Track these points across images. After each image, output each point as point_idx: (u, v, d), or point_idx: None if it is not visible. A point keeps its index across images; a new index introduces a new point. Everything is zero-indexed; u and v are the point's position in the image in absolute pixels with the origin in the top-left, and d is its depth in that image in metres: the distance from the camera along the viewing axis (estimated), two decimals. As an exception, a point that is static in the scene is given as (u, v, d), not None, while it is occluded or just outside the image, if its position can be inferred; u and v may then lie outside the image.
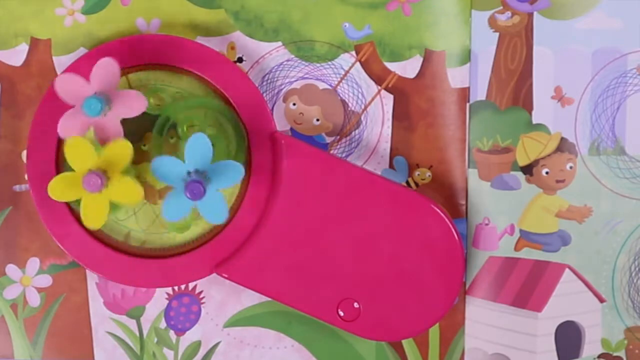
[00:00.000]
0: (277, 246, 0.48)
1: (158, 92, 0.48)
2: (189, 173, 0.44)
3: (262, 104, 0.48)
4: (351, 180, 0.48)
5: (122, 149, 0.44)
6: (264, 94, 0.50)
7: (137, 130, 0.48)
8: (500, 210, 0.50)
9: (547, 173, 0.50)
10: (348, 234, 0.48)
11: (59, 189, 0.44)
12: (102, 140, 0.45)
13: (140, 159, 0.49)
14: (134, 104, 0.45)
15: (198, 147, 0.44)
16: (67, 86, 0.44)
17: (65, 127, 0.45)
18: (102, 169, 0.44)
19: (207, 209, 0.45)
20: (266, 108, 0.48)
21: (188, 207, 0.44)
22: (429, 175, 0.50)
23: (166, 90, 0.49)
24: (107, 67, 0.44)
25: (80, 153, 0.44)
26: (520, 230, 0.50)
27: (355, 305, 0.48)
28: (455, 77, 0.50)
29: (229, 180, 0.45)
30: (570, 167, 0.50)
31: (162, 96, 0.48)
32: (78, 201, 0.45)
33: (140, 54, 0.48)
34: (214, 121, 0.48)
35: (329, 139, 0.50)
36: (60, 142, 0.47)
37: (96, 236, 0.48)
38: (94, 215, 0.44)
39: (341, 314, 0.48)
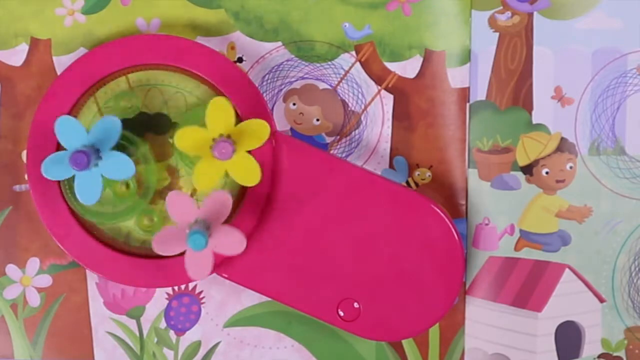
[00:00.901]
0: (277, 246, 0.48)
1: (158, 90, 0.49)
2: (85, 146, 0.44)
3: (262, 104, 0.48)
4: (351, 180, 0.48)
5: (261, 128, 0.44)
6: (264, 94, 0.50)
7: (137, 129, 0.48)
8: (500, 210, 0.50)
9: (547, 173, 0.50)
10: (348, 234, 0.48)
11: (186, 139, 0.44)
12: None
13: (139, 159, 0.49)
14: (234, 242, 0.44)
15: (106, 128, 0.44)
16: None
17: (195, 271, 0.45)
18: (232, 139, 0.43)
19: (81, 186, 0.44)
20: (266, 108, 0.48)
21: (68, 173, 0.44)
22: (429, 175, 0.50)
23: (166, 90, 0.49)
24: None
25: (220, 115, 0.43)
26: (520, 230, 0.50)
27: (355, 305, 0.48)
28: (455, 77, 0.50)
29: (118, 172, 0.44)
30: (570, 167, 0.50)
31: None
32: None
33: (140, 54, 0.48)
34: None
35: (329, 139, 0.50)
36: (60, 143, 0.47)
37: (96, 236, 0.48)
38: (206, 180, 0.44)
39: (341, 314, 0.48)
